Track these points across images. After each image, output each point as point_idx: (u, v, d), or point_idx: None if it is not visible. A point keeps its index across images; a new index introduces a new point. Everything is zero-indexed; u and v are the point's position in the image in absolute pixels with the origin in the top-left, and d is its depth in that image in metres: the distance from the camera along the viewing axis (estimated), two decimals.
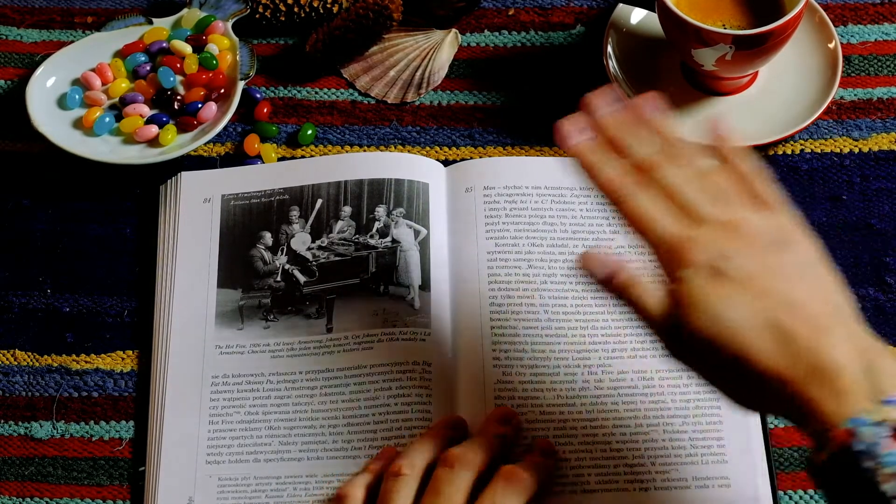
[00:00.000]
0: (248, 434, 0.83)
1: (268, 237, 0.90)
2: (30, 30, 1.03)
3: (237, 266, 0.89)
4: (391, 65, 1.00)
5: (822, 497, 0.67)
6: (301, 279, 0.88)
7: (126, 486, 0.83)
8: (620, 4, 0.99)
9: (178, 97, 0.97)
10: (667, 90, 0.96)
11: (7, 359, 0.88)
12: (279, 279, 0.88)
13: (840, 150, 0.95)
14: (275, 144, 0.97)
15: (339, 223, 0.90)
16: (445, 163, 0.94)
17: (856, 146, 0.95)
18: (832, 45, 0.97)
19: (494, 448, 0.78)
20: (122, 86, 0.98)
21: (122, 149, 0.95)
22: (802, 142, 0.95)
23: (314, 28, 1.00)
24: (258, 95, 0.98)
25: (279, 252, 0.90)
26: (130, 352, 0.88)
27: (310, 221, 0.90)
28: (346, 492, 0.78)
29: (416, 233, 0.89)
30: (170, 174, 0.93)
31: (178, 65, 0.98)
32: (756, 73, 0.97)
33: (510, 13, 1.03)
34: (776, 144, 0.95)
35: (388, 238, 0.89)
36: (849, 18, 1.01)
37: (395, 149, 0.96)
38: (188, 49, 0.98)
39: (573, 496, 0.79)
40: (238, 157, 0.96)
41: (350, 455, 0.81)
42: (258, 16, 1.01)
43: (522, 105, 0.98)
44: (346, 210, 0.90)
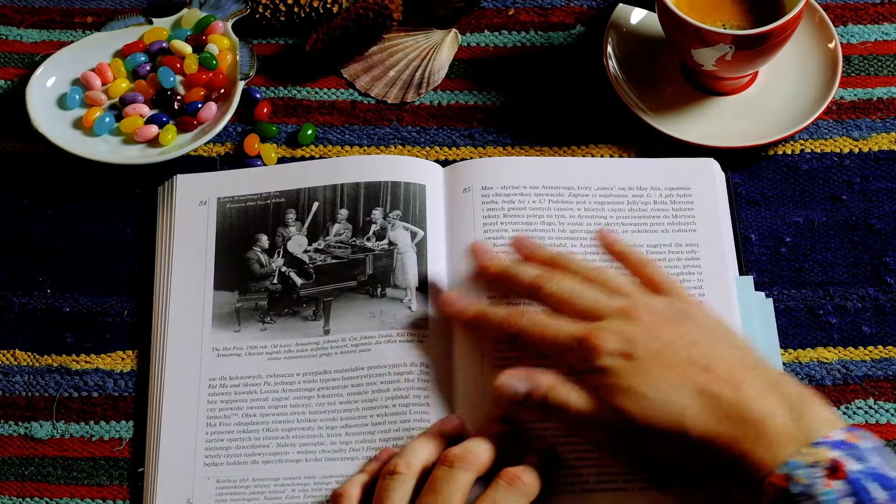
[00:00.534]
0: (246, 436, 0.83)
1: (264, 240, 0.90)
2: (30, 30, 1.03)
3: (233, 268, 0.89)
4: (391, 65, 1.00)
5: None
6: (298, 281, 0.88)
7: (126, 487, 0.83)
8: (620, 4, 0.98)
9: (178, 97, 0.97)
10: (667, 90, 0.96)
11: (7, 359, 0.88)
12: (276, 281, 0.88)
13: (840, 150, 0.95)
14: (275, 144, 0.97)
15: (336, 226, 0.90)
16: (445, 163, 0.94)
17: (856, 146, 0.95)
18: (832, 45, 0.96)
19: (494, 449, 0.78)
20: (122, 86, 0.98)
21: (122, 149, 0.95)
22: (802, 142, 0.95)
23: (314, 28, 1.00)
24: (258, 95, 0.98)
25: (276, 255, 0.89)
26: (130, 352, 0.88)
27: (306, 224, 0.90)
28: (343, 491, 0.78)
29: (413, 235, 0.89)
30: (170, 174, 0.93)
31: (178, 65, 0.98)
32: (756, 73, 0.96)
33: (510, 13, 1.03)
34: (776, 144, 0.94)
35: (385, 240, 0.89)
36: (849, 18, 1.00)
37: (395, 149, 0.96)
38: (188, 49, 0.98)
39: (573, 496, 0.79)
40: (238, 157, 0.96)
41: (348, 457, 0.81)
42: (258, 16, 1.01)
43: (522, 105, 0.98)
44: (343, 213, 0.90)
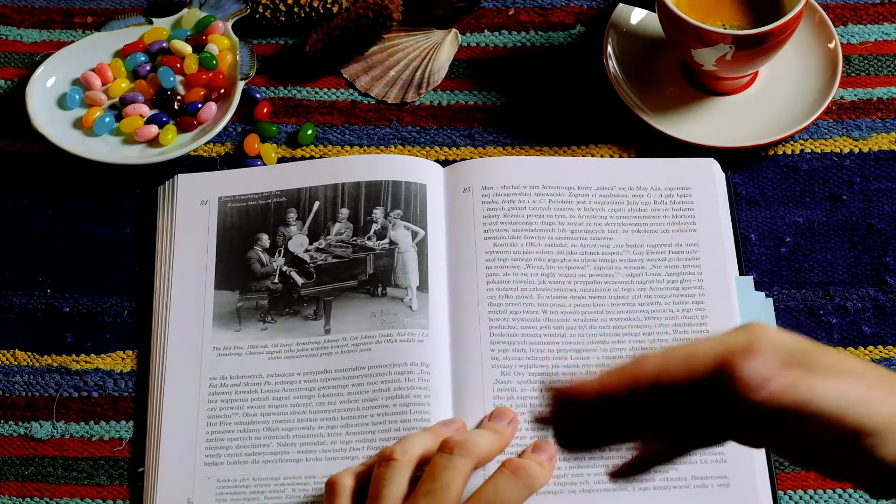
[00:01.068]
0: (247, 435, 0.83)
1: (265, 239, 0.90)
2: (30, 30, 1.03)
3: (234, 268, 0.89)
4: (391, 65, 1.00)
5: None
6: (299, 281, 0.88)
7: (126, 487, 0.83)
8: (620, 4, 0.98)
9: (178, 97, 0.97)
10: (667, 90, 0.96)
11: (7, 359, 0.88)
12: (276, 281, 0.88)
13: (840, 150, 0.95)
14: (275, 144, 0.97)
15: (337, 225, 0.90)
16: (445, 163, 0.94)
17: (856, 146, 0.95)
18: (832, 45, 0.96)
19: (493, 441, 0.78)
20: (122, 86, 0.98)
21: (122, 149, 0.95)
22: (802, 142, 0.95)
23: (314, 28, 1.00)
24: (258, 95, 0.98)
25: (276, 254, 0.90)
26: (130, 352, 0.88)
27: (307, 224, 0.90)
28: (336, 480, 0.76)
29: (414, 234, 0.89)
30: (170, 174, 0.93)
31: (178, 65, 0.98)
32: (756, 73, 0.96)
33: (510, 13, 1.03)
34: (776, 144, 0.94)
35: (386, 240, 0.89)
36: (849, 18, 1.00)
37: (395, 149, 0.96)
38: (188, 49, 0.98)
39: (573, 496, 0.79)
40: (238, 157, 0.96)
41: (348, 456, 0.81)
42: (258, 16, 1.01)
43: (522, 105, 0.98)
44: (344, 212, 0.90)
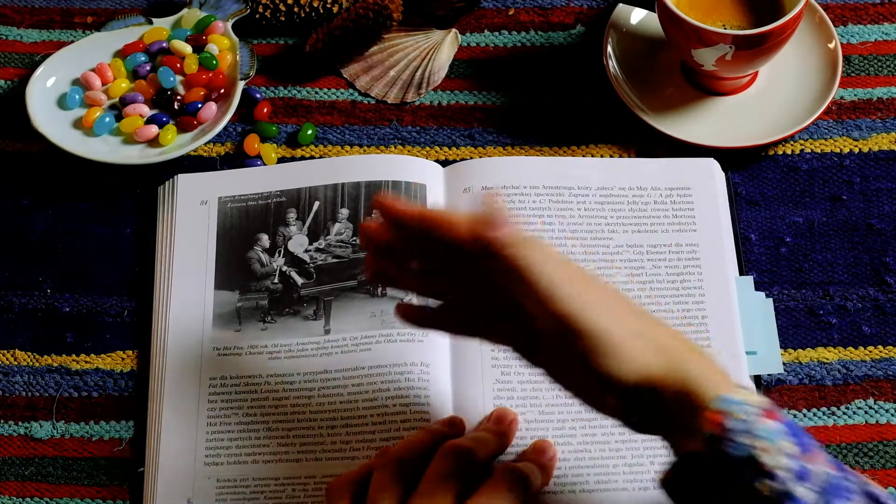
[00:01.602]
0: (247, 435, 0.83)
1: (265, 239, 0.90)
2: (30, 30, 1.03)
3: (234, 268, 0.89)
4: (391, 65, 1.00)
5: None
6: (299, 281, 0.88)
7: (126, 487, 0.83)
8: (620, 4, 0.99)
9: (178, 97, 0.97)
10: (667, 90, 0.96)
11: (7, 359, 0.88)
12: (276, 281, 0.88)
13: (840, 150, 0.95)
14: (275, 144, 0.97)
15: (337, 225, 0.90)
16: (445, 163, 0.94)
17: (856, 146, 0.95)
18: (832, 45, 0.96)
19: (492, 443, 0.78)
20: (122, 86, 0.98)
21: (122, 149, 0.95)
22: (802, 142, 0.95)
23: (314, 28, 1.00)
24: (258, 95, 0.98)
25: (276, 254, 0.90)
26: (130, 352, 0.88)
27: (307, 224, 0.90)
28: (336, 483, 0.75)
29: None
30: (170, 174, 0.93)
31: (178, 65, 0.98)
32: (756, 73, 0.96)
33: (510, 13, 1.03)
34: (776, 144, 0.94)
35: None
36: (849, 18, 1.00)
37: (395, 149, 0.96)
38: (188, 49, 0.98)
39: (573, 496, 0.79)
40: (238, 158, 0.96)
41: (348, 456, 0.81)
42: (258, 16, 1.01)
43: (522, 105, 0.98)
44: (344, 212, 0.90)
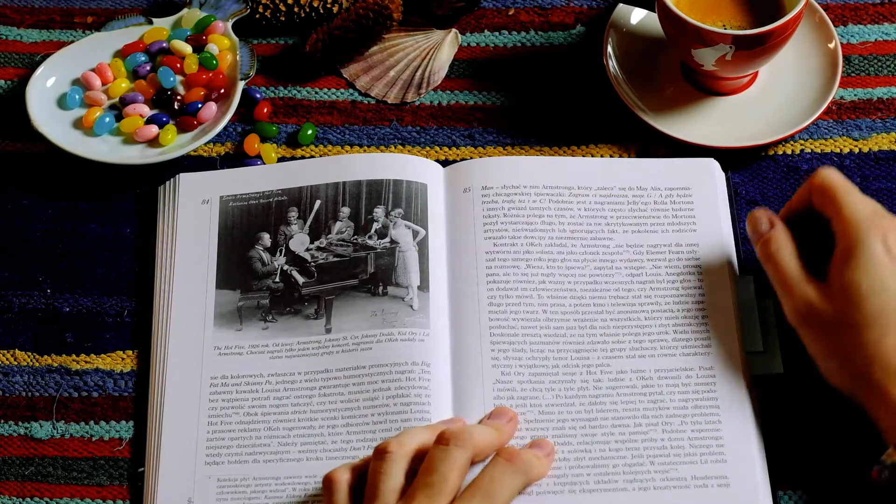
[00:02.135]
0: (248, 435, 0.83)
1: (266, 238, 0.90)
2: (30, 30, 1.03)
3: (236, 267, 0.89)
4: (391, 65, 1.00)
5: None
6: (300, 280, 0.88)
7: (126, 487, 0.83)
8: (620, 4, 0.99)
9: (178, 97, 0.97)
10: (667, 90, 0.97)
11: (7, 359, 0.88)
12: (278, 280, 0.88)
13: (840, 150, 0.95)
14: (275, 144, 0.97)
15: (338, 224, 0.90)
16: (445, 163, 0.94)
17: (856, 146, 0.95)
18: (832, 45, 0.96)
19: (491, 434, 0.78)
20: (122, 86, 0.98)
21: (122, 149, 0.95)
22: (802, 142, 0.95)
23: (314, 28, 1.00)
24: (258, 95, 0.98)
25: (278, 253, 0.90)
26: (130, 352, 0.88)
27: (308, 222, 0.90)
28: (333, 475, 0.76)
29: (415, 233, 0.89)
30: (170, 174, 0.93)
31: (178, 65, 0.98)
32: (756, 73, 0.97)
33: (510, 13, 1.03)
34: (776, 144, 0.94)
35: (387, 239, 0.89)
36: (849, 18, 1.00)
37: (395, 149, 0.96)
38: (188, 49, 0.98)
39: (573, 496, 0.79)
40: (238, 157, 0.96)
41: (349, 455, 0.81)
42: (258, 16, 1.01)
43: (522, 105, 0.98)
44: (345, 211, 0.90)
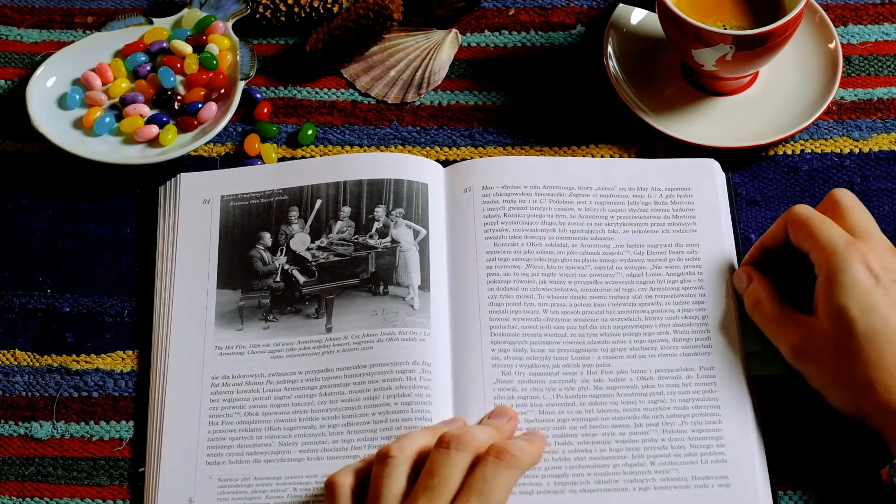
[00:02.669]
0: (248, 435, 0.83)
1: (267, 238, 0.90)
2: (30, 30, 1.03)
3: (236, 267, 0.89)
4: (391, 65, 1.00)
5: None
6: (300, 279, 0.88)
7: (126, 487, 0.83)
8: (620, 4, 0.99)
9: (179, 97, 0.97)
10: (667, 90, 0.97)
11: (7, 359, 0.88)
12: (278, 279, 0.88)
13: (840, 151, 0.95)
14: (275, 144, 0.97)
15: (339, 223, 0.90)
16: (445, 163, 0.94)
17: (856, 146, 0.95)
18: (832, 45, 0.96)
19: (491, 435, 0.78)
20: (123, 86, 0.98)
21: (122, 149, 0.95)
22: (802, 142, 0.95)
23: (314, 28, 1.00)
24: (258, 95, 0.98)
25: (278, 252, 0.90)
26: (130, 352, 0.88)
27: (309, 222, 0.90)
28: (335, 479, 0.76)
29: (416, 233, 0.89)
30: (170, 174, 0.93)
31: (179, 65, 0.98)
32: (756, 74, 0.97)
33: (510, 13, 1.03)
34: (776, 144, 0.95)
35: (388, 238, 0.89)
36: (849, 18, 1.01)
37: (396, 149, 0.96)
38: (188, 49, 0.98)
39: (573, 496, 0.79)
40: (238, 157, 0.96)
41: (350, 455, 0.81)
42: (258, 16, 1.01)
43: (522, 105, 0.98)
44: (346, 210, 0.90)
